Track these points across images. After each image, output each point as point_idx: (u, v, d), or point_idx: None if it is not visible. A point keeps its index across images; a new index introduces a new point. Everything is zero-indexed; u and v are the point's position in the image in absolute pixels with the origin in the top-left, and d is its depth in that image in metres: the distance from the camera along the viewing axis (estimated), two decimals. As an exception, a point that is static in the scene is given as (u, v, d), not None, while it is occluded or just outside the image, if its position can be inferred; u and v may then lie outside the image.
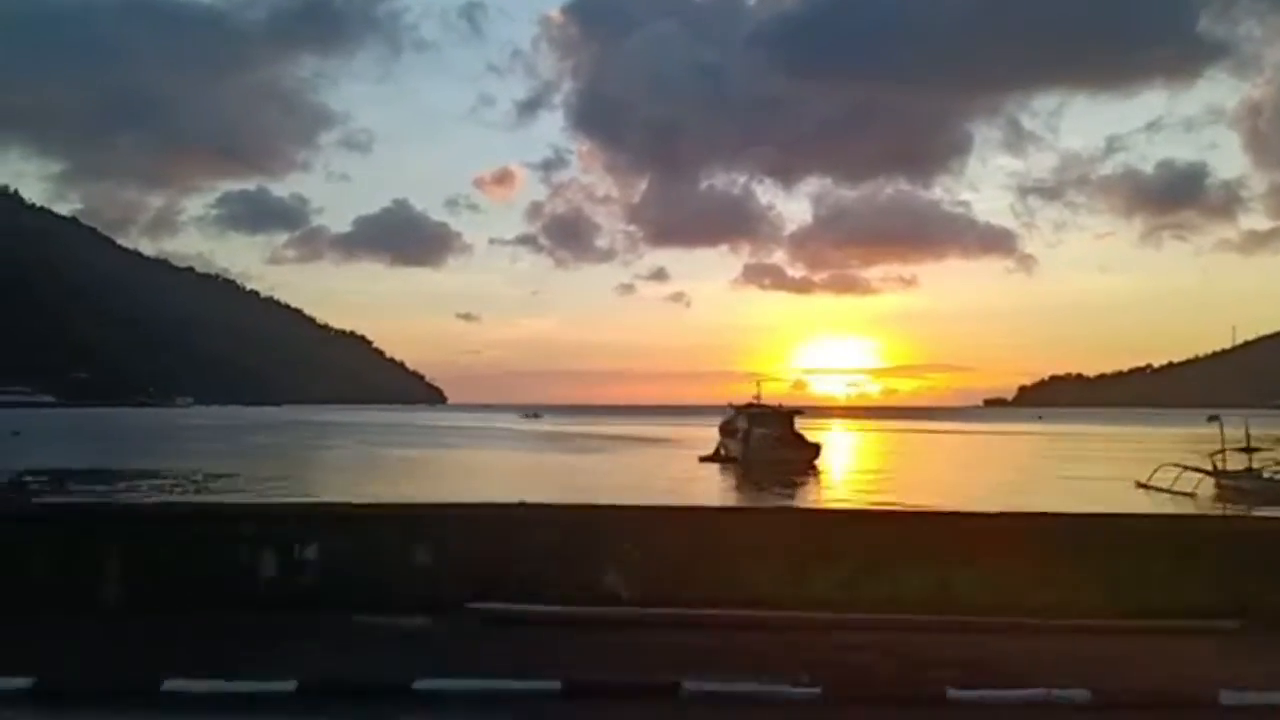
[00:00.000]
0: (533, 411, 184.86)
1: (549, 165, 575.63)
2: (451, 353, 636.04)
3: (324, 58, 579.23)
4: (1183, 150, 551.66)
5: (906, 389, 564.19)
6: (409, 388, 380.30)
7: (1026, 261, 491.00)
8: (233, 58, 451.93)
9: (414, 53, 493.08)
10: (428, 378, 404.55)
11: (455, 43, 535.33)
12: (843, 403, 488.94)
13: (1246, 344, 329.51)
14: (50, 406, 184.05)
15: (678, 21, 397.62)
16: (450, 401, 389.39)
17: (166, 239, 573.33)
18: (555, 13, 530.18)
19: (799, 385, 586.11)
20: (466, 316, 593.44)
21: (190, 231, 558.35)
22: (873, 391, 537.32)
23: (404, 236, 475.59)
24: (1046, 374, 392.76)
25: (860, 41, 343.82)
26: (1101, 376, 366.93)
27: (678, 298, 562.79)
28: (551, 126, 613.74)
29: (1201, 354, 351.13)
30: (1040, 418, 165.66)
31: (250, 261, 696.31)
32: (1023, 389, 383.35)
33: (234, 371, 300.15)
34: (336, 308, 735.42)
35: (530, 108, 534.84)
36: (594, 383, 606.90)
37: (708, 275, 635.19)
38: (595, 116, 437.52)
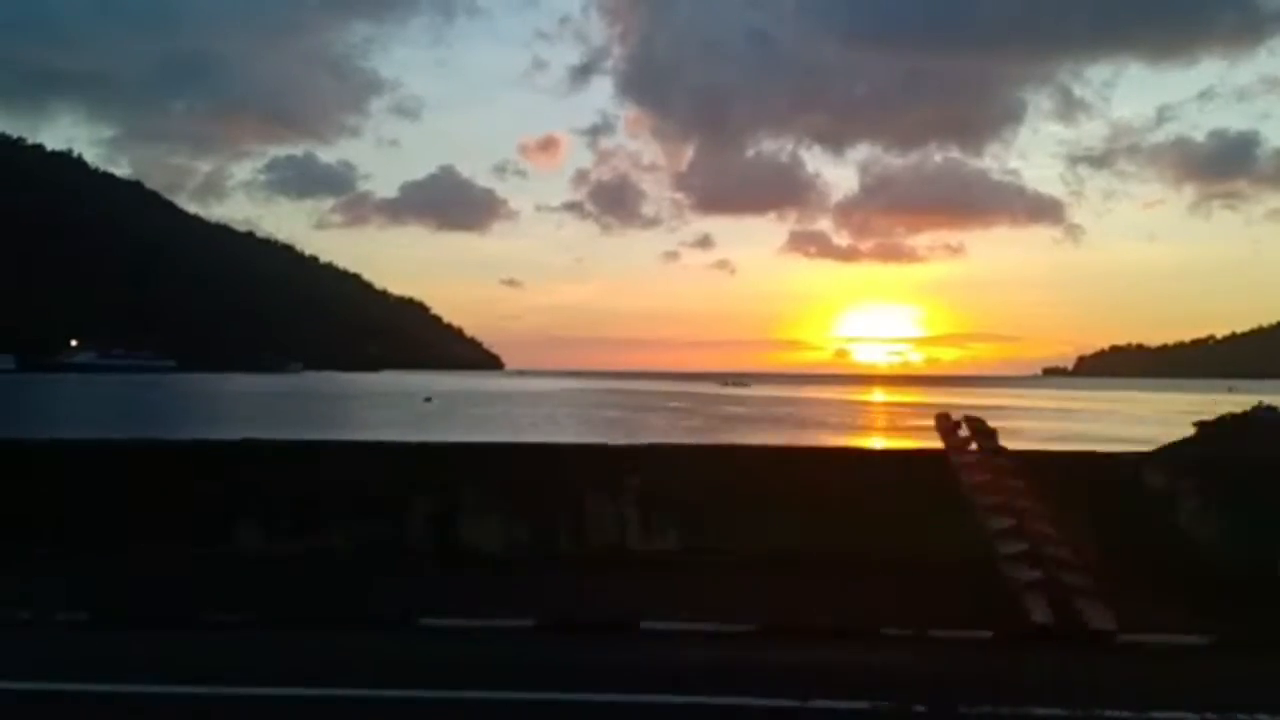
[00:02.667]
0: (738, 380, 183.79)
1: (596, 131, 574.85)
2: (493, 318, 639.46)
3: (378, 25, 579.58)
4: (1235, 120, 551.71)
5: (949, 358, 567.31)
6: (469, 354, 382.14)
7: (1074, 231, 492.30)
8: (287, 25, 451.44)
9: (466, 19, 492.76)
10: (485, 344, 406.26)
11: (507, 10, 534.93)
12: (885, 371, 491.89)
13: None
14: (173, 371, 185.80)
15: None
16: (508, 368, 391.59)
17: (214, 204, 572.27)
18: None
19: (841, 354, 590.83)
20: (510, 282, 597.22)
21: (238, 196, 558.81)
22: (915, 360, 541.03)
23: (450, 202, 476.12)
24: (1093, 343, 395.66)
25: (913, 8, 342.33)
26: (1164, 347, 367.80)
27: (722, 265, 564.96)
28: (600, 93, 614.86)
29: (1265, 324, 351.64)
30: (1231, 389, 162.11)
31: (296, 226, 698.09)
32: (1082, 359, 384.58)
33: (308, 336, 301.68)
34: (381, 273, 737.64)
35: (579, 74, 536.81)
36: (641, 349, 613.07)
37: (753, 243, 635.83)
38: (643, 83, 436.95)
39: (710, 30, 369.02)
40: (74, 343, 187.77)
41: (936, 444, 9.19)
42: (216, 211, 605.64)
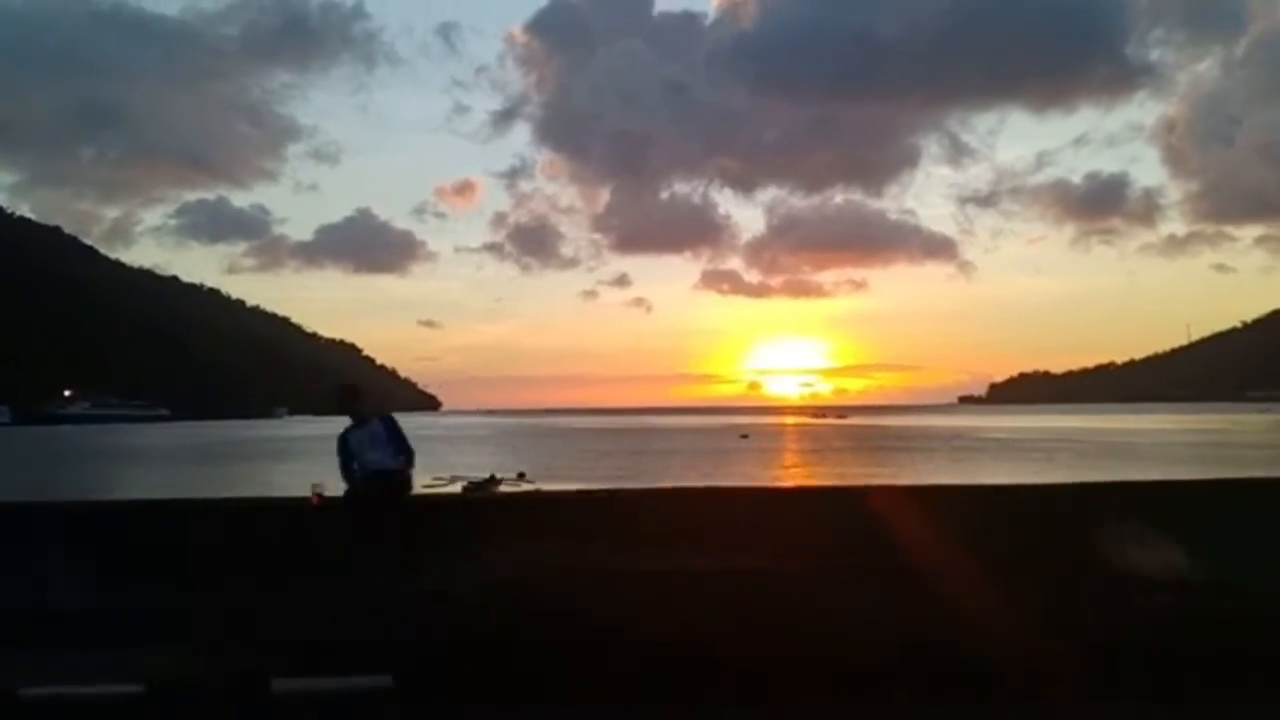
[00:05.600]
0: (835, 412, 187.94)
1: (515, 174, 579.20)
2: (408, 359, 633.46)
3: (300, 74, 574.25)
4: (1107, 163, 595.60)
5: (855, 388, 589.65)
6: (407, 394, 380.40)
7: (966, 266, 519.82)
8: (205, 72, 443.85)
9: (387, 68, 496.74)
10: (419, 384, 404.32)
11: (428, 59, 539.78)
12: (796, 402, 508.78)
13: (1203, 340, 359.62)
14: (168, 420, 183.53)
15: (638, 38, 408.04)
16: (445, 408, 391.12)
17: (122, 249, 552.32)
18: (518, 30, 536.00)
19: (754, 386, 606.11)
20: (428, 323, 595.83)
21: (146, 242, 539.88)
22: (824, 391, 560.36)
23: (368, 245, 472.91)
24: (986, 371, 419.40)
25: (816, 61, 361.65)
26: (1069, 373, 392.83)
27: (639, 302, 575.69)
28: (518, 139, 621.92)
29: (1159, 350, 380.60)
30: (1268, 410, 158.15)
31: (207, 271, 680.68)
32: (994, 386, 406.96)
33: (252, 382, 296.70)
34: (303, 316, 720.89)
35: (498, 120, 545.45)
36: (559, 387, 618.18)
37: (668, 281, 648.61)
38: (559, 129, 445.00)
39: (624, 79, 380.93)
40: (67, 393, 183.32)
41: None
42: (124, 257, 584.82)
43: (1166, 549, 7.19)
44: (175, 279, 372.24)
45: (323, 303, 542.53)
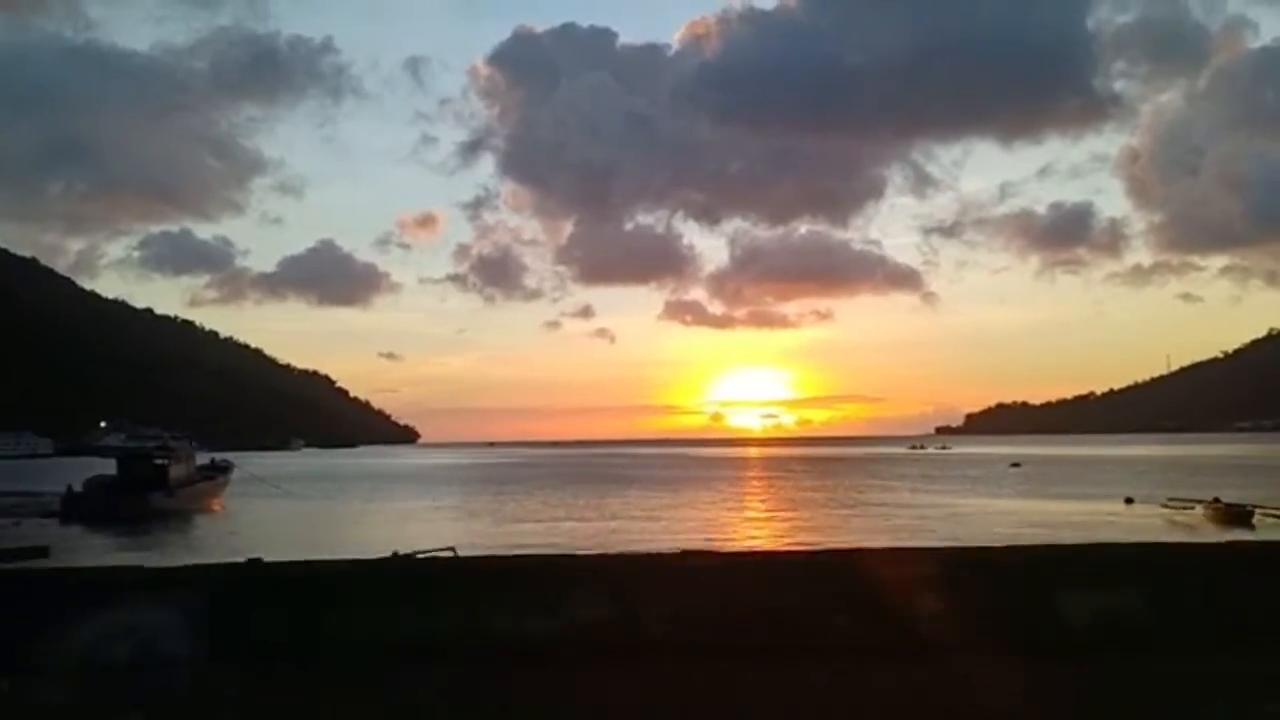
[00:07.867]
0: (937, 443, 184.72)
1: (479, 205, 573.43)
2: (367, 391, 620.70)
3: (267, 107, 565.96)
4: (1071, 193, 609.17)
5: (820, 419, 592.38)
6: (384, 427, 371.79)
7: (931, 297, 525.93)
8: (172, 105, 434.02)
9: (354, 102, 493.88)
10: (393, 416, 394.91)
11: (394, 93, 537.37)
12: (759, 434, 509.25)
13: (1183, 370, 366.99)
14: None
15: (602, 70, 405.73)
16: (423, 440, 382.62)
17: (86, 281, 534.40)
18: (481, 63, 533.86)
19: (716, 418, 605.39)
20: (389, 355, 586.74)
21: (110, 274, 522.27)
22: (788, 422, 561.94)
23: (330, 276, 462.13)
24: (951, 404, 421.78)
25: (780, 93, 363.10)
26: (1048, 404, 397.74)
27: (602, 333, 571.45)
28: (482, 171, 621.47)
29: (1140, 380, 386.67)
30: None
31: (169, 304, 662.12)
32: (969, 417, 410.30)
33: (242, 413, 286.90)
34: (269, 347, 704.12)
35: (461, 152, 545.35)
36: (520, 418, 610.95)
37: (632, 312, 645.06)
38: (523, 161, 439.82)
39: (587, 110, 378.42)
40: (103, 424, 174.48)
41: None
42: (90, 289, 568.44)
43: None
44: (149, 310, 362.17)
45: (287, 334, 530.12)
